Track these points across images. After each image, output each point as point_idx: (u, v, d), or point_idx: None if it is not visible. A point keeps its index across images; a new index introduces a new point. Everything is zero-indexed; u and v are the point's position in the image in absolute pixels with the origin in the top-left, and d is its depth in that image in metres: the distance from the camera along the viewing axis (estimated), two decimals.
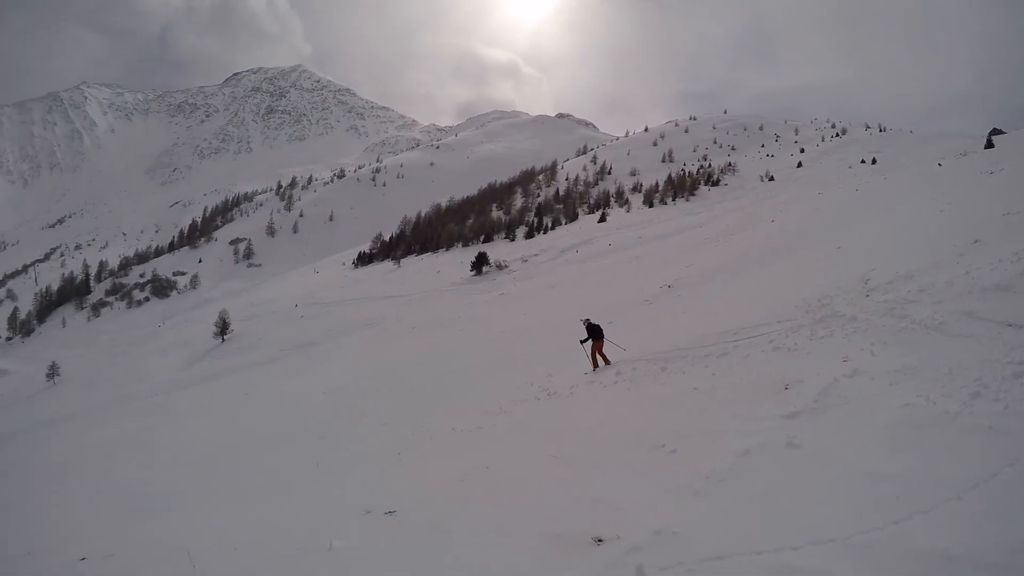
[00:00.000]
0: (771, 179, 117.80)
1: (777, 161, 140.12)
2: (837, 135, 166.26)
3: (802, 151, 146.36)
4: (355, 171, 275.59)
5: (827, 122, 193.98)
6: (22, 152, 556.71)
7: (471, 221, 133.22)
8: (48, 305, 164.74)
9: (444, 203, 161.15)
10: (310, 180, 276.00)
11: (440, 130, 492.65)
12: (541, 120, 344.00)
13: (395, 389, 29.65)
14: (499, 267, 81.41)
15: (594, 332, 17.55)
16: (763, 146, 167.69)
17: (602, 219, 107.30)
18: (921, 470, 5.81)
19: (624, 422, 11.12)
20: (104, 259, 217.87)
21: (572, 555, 5.94)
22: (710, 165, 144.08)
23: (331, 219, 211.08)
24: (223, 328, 79.87)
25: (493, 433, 14.45)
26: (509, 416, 15.92)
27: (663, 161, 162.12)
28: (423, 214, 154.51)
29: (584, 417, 13.13)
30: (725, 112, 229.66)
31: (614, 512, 6.58)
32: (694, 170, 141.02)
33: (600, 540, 5.99)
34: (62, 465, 33.62)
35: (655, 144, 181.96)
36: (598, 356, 17.55)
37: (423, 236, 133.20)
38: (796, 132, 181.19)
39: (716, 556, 5.25)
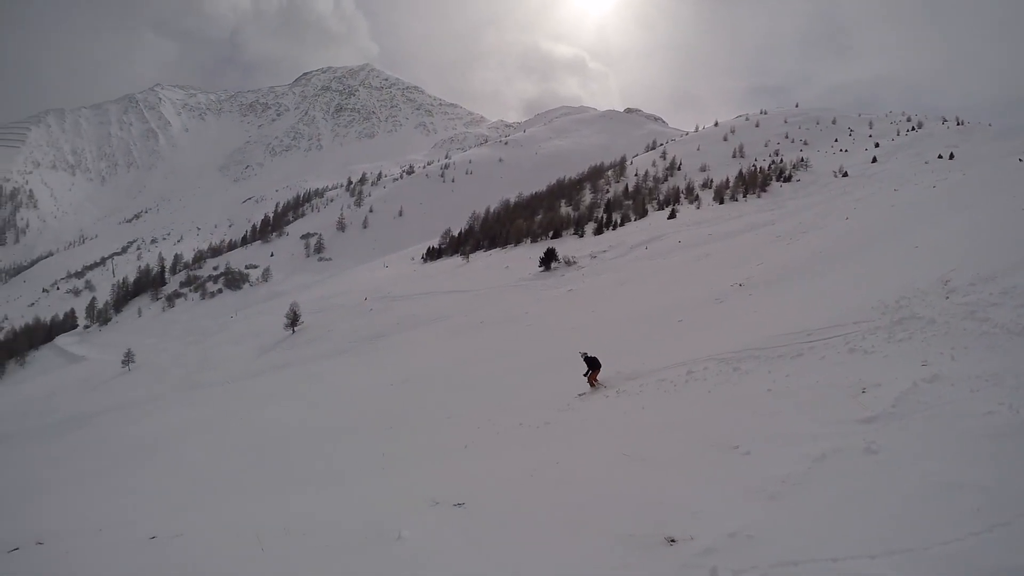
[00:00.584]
0: (844, 175, 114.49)
1: (851, 156, 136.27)
2: (912, 129, 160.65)
3: (876, 146, 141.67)
4: (424, 167, 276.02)
5: (902, 115, 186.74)
6: (100, 151, 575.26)
7: (540, 217, 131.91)
8: (125, 295, 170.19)
9: (513, 199, 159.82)
10: (379, 176, 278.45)
11: (508, 126, 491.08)
12: (609, 115, 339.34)
13: (461, 383, 29.87)
14: (567, 263, 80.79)
15: (592, 363, 19.51)
16: (836, 140, 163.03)
17: (672, 215, 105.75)
18: (1002, 482, 5.67)
19: (695, 422, 11.07)
20: (179, 252, 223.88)
21: (645, 555, 5.95)
22: (782, 160, 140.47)
23: (400, 215, 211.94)
24: (294, 320, 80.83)
25: (561, 429, 14.48)
26: (577, 413, 15.94)
27: (733, 156, 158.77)
28: (491, 210, 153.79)
29: (654, 416, 13.09)
30: (797, 106, 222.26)
31: (687, 513, 6.55)
32: (765, 166, 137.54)
33: (673, 540, 5.98)
34: (135, 447, 34.78)
35: (725, 139, 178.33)
36: (594, 381, 19.40)
37: (491, 232, 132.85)
38: (870, 126, 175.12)
39: (791, 562, 5.21)
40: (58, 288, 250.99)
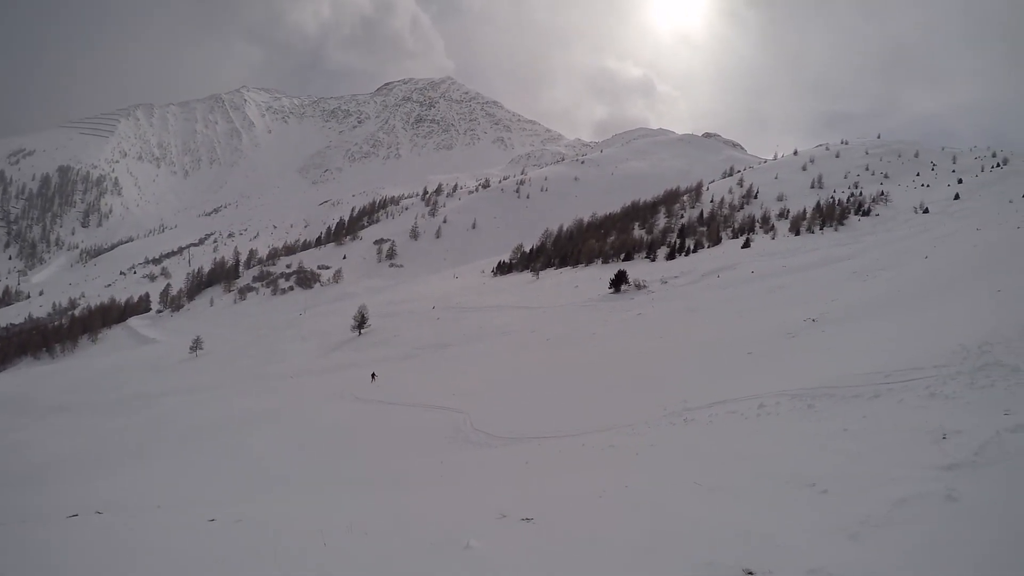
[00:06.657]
0: (926, 211, 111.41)
1: (932, 192, 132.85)
2: (997, 165, 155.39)
3: (959, 182, 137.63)
4: (500, 182, 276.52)
5: (987, 151, 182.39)
6: (184, 146, 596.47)
7: (612, 238, 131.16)
8: (198, 285, 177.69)
9: (586, 218, 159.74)
10: (455, 188, 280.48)
11: (585, 145, 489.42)
12: (687, 139, 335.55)
13: (523, 399, 29.91)
14: (638, 287, 79.69)
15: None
16: (918, 175, 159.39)
17: (746, 244, 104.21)
18: None
19: (769, 456, 10.97)
20: (254, 248, 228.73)
21: None
22: (861, 193, 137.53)
23: (474, 227, 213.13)
24: (361, 322, 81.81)
25: (626, 453, 14.43)
26: (642, 438, 15.85)
27: (812, 187, 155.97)
28: (565, 228, 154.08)
29: (725, 446, 12.98)
30: (879, 136, 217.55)
31: (765, 546, 6.51)
32: (844, 198, 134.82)
33: (751, 573, 5.92)
34: (198, 430, 35.85)
35: (804, 168, 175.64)
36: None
37: (563, 250, 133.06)
38: (953, 160, 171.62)
39: None
40: (135, 272, 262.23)
